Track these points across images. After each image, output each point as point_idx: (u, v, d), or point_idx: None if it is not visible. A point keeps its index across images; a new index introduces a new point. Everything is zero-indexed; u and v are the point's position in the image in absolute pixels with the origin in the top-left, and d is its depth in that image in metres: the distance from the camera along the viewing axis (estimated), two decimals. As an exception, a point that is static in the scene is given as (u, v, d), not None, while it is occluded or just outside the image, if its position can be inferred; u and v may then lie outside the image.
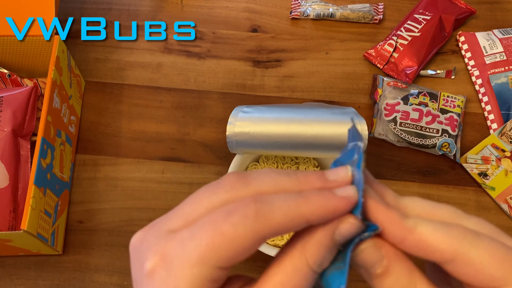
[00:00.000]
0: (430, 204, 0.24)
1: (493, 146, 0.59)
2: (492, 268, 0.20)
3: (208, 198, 0.20)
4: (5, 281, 0.52)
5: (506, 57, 0.63)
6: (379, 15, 0.68)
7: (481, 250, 0.20)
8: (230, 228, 0.19)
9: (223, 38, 0.67)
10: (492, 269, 0.20)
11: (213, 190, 0.21)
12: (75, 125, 0.59)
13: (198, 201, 0.21)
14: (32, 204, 0.44)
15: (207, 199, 0.20)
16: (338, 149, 0.48)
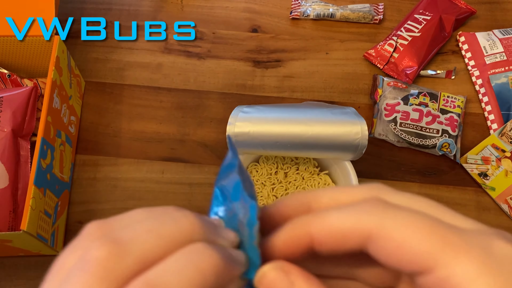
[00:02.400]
0: (343, 189, 0.20)
1: (493, 147, 0.59)
2: (416, 243, 0.17)
3: None
4: (5, 282, 0.52)
5: (506, 57, 0.63)
6: (379, 15, 0.68)
7: (402, 222, 0.17)
8: None
9: (223, 38, 0.67)
10: (417, 243, 0.17)
11: None
12: (75, 125, 0.59)
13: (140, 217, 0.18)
14: (32, 204, 0.44)
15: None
16: (338, 149, 0.48)
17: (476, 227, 0.18)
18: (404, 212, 0.17)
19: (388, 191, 0.19)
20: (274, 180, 0.54)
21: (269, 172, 0.54)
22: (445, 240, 0.16)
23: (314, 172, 0.55)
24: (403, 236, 0.17)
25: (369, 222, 0.17)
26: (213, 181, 0.20)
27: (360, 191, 0.19)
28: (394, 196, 0.19)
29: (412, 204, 0.18)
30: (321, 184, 0.54)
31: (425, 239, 0.17)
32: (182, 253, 0.16)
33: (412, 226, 0.17)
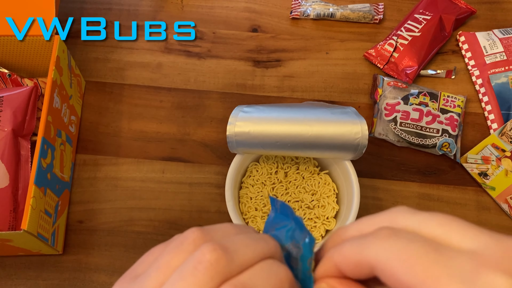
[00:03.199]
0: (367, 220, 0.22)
1: (493, 146, 0.59)
2: (402, 275, 0.18)
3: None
4: (5, 281, 0.52)
5: (506, 57, 0.63)
6: (379, 15, 0.68)
7: (394, 255, 0.18)
8: None
9: (223, 38, 0.67)
10: (402, 275, 0.18)
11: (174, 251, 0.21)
12: (75, 125, 0.59)
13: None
14: (33, 204, 0.44)
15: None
16: (339, 148, 0.48)
17: (481, 247, 0.18)
18: (400, 243, 0.18)
19: (404, 213, 0.20)
20: (274, 179, 0.54)
21: (269, 172, 0.54)
22: (427, 273, 0.17)
23: (314, 171, 0.55)
24: (393, 268, 0.18)
25: (369, 254, 0.19)
26: (213, 180, 0.23)
27: (380, 219, 0.21)
28: (408, 219, 0.20)
29: (422, 226, 0.19)
30: (321, 184, 0.54)
31: (409, 271, 0.18)
32: (267, 263, 0.20)
33: (402, 259, 0.18)
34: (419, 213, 0.20)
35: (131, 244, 0.54)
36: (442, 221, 0.19)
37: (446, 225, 0.19)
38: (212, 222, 0.56)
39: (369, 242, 0.19)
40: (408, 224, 0.20)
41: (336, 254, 0.21)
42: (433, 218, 0.19)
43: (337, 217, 0.53)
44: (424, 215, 0.20)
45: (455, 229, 0.19)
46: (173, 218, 0.56)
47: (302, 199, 0.53)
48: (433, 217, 0.19)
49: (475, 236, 0.18)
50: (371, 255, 0.19)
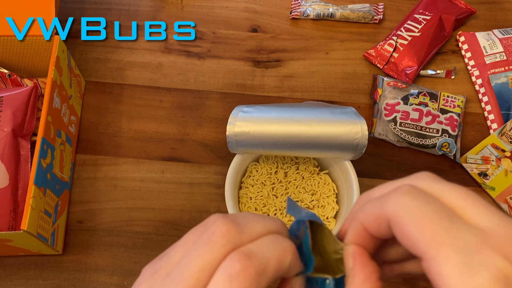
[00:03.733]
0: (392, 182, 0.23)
1: (493, 146, 0.59)
2: (413, 232, 0.19)
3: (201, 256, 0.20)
4: (5, 281, 0.52)
5: (506, 57, 0.63)
6: (379, 15, 0.68)
7: (410, 211, 0.19)
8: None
9: (223, 38, 0.67)
10: (413, 232, 0.19)
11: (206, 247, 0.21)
12: (75, 125, 0.59)
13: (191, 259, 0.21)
14: (32, 204, 0.44)
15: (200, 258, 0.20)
16: (338, 148, 0.48)
17: (490, 227, 0.19)
18: (417, 201, 0.19)
19: (428, 180, 0.21)
20: (274, 179, 0.54)
21: (269, 172, 0.54)
22: (434, 237, 0.18)
23: (314, 171, 0.55)
24: (405, 223, 0.19)
25: (388, 207, 0.20)
26: (213, 180, 0.25)
27: (405, 181, 0.22)
28: (430, 185, 0.21)
29: (443, 194, 0.20)
30: (321, 184, 0.54)
31: (418, 230, 0.19)
32: (273, 235, 0.22)
33: (416, 216, 0.19)
34: (443, 182, 0.21)
35: (131, 244, 0.54)
36: (462, 194, 0.20)
37: (466, 199, 0.20)
38: (212, 222, 0.56)
39: (389, 196, 0.20)
40: (431, 189, 0.20)
41: (360, 213, 0.22)
42: (455, 190, 0.20)
43: (337, 217, 0.53)
44: (446, 185, 0.21)
45: (473, 204, 0.19)
46: (173, 218, 0.56)
47: (302, 199, 0.53)
48: (455, 188, 0.20)
49: (488, 216, 0.19)
50: (389, 208, 0.20)
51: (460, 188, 0.20)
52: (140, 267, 0.26)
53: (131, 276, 0.52)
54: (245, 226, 0.22)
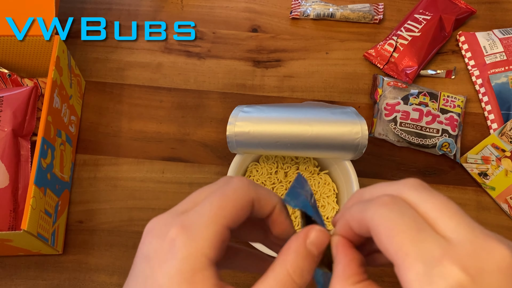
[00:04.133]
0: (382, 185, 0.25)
1: (493, 146, 0.59)
2: (385, 240, 0.21)
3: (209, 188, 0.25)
4: (5, 281, 0.52)
5: (506, 57, 0.63)
6: (379, 15, 0.68)
7: (385, 221, 0.21)
8: (231, 192, 0.24)
9: (223, 38, 0.67)
10: (385, 241, 0.21)
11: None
12: (75, 125, 0.59)
13: (201, 190, 0.25)
14: (32, 204, 0.44)
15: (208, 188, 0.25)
16: (339, 148, 0.48)
17: (457, 239, 0.20)
18: (392, 213, 0.21)
19: (412, 188, 0.22)
20: (274, 179, 0.54)
21: (269, 172, 0.54)
22: (402, 246, 0.20)
23: (314, 171, 0.55)
24: (379, 232, 0.21)
25: (367, 215, 0.22)
26: (213, 180, 0.25)
27: (391, 188, 0.23)
28: (411, 194, 0.22)
29: (421, 204, 0.22)
30: (321, 184, 0.54)
31: (389, 239, 0.21)
32: None
33: (388, 227, 0.21)
34: (425, 191, 0.22)
35: (131, 244, 0.54)
36: (438, 205, 0.21)
37: (441, 210, 0.21)
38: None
39: (369, 205, 0.22)
40: (410, 198, 0.22)
41: (347, 213, 0.24)
42: (432, 200, 0.21)
43: (337, 217, 0.53)
44: (426, 195, 0.22)
45: (446, 215, 0.21)
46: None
47: (302, 199, 0.53)
48: (433, 199, 0.22)
49: (458, 228, 0.20)
50: (368, 217, 0.22)
51: (438, 198, 0.22)
52: (140, 267, 0.26)
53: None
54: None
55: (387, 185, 0.24)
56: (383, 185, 0.24)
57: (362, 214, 0.22)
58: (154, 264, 0.23)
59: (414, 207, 0.22)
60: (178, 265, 0.22)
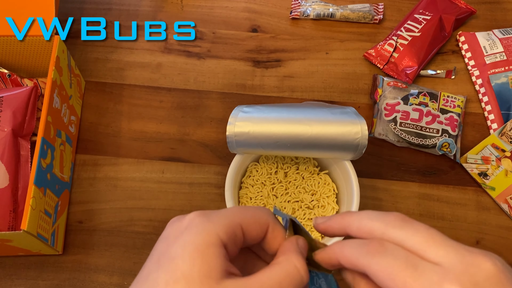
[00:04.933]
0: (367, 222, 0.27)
1: (493, 146, 0.59)
2: (387, 282, 0.24)
3: None
4: (5, 281, 0.52)
5: (506, 57, 0.63)
6: (379, 15, 0.68)
7: (380, 268, 0.24)
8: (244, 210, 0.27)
9: (223, 38, 0.67)
10: (387, 283, 0.24)
11: None
12: (75, 125, 0.59)
13: None
14: (32, 204, 0.44)
15: None
16: (338, 148, 0.48)
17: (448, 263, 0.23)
18: (386, 260, 0.24)
19: (396, 225, 0.25)
20: (274, 179, 0.54)
21: (269, 172, 0.54)
22: (405, 283, 0.23)
23: (314, 171, 0.55)
24: (381, 278, 0.24)
25: (364, 263, 0.25)
26: (213, 181, 0.28)
27: (377, 226, 0.26)
28: (396, 232, 0.25)
29: (408, 240, 0.25)
30: (321, 184, 0.54)
31: (392, 282, 0.24)
32: None
33: (387, 272, 0.24)
34: (407, 226, 0.25)
35: (131, 244, 0.54)
36: (424, 238, 0.24)
37: (426, 241, 0.24)
38: (212, 222, 0.56)
39: (366, 253, 0.25)
40: (396, 237, 0.25)
41: (338, 252, 0.27)
42: (418, 235, 0.25)
43: (337, 217, 0.53)
44: (411, 229, 0.25)
45: (433, 245, 0.24)
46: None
47: (302, 199, 0.53)
48: (418, 233, 0.25)
49: (446, 253, 0.24)
50: (365, 264, 0.25)
51: (421, 231, 0.25)
52: (139, 267, 0.26)
53: (131, 276, 0.52)
54: None
55: (374, 219, 0.26)
56: (370, 218, 0.27)
57: (358, 262, 0.25)
58: (170, 240, 0.25)
59: (402, 244, 0.25)
60: (193, 238, 0.24)
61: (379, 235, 0.26)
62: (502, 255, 0.55)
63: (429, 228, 0.25)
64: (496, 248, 0.55)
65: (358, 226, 0.27)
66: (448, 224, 0.57)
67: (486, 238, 0.56)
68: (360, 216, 0.27)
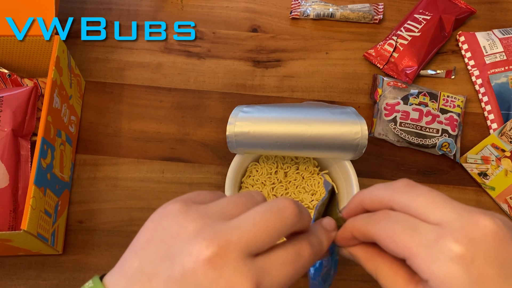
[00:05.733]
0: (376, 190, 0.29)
1: (493, 146, 0.59)
2: (393, 246, 0.26)
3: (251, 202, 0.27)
4: (5, 281, 0.52)
5: (506, 57, 0.63)
6: (379, 15, 0.69)
7: (387, 232, 0.26)
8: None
9: (223, 38, 0.67)
10: (394, 246, 0.26)
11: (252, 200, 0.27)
12: (75, 125, 0.59)
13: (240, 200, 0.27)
14: (32, 204, 0.44)
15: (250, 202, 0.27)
16: (338, 148, 0.48)
17: (446, 221, 0.25)
18: (389, 224, 0.26)
19: (401, 190, 0.27)
20: (274, 179, 0.54)
21: (269, 172, 0.54)
22: (405, 244, 0.25)
23: (314, 171, 0.55)
24: (384, 241, 0.26)
25: (370, 230, 0.28)
26: (213, 180, 0.26)
27: (385, 193, 0.28)
28: (401, 197, 0.27)
29: (411, 204, 0.26)
30: (320, 184, 0.54)
31: (394, 244, 0.26)
32: None
33: (389, 235, 0.26)
34: (410, 190, 0.27)
35: (131, 244, 0.54)
36: (425, 201, 0.26)
37: (426, 204, 0.26)
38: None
39: (371, 221, 0.28)
40: (401, 202, 0.27)
41: (351, 225, 0.30)
42: (419, 199, 0.26)
43: (337, 217, 0.53)
44: (413, 194, 0.26)
45: (432, 207, 0.25)
46: (173, 218, 0.56)
47: (302, 199, 0.53)
48: (419, 197, 0.26)
49: (444, 212, 0.25)
50: (372, 231, 0.27)
51: (422, 194, 0.26)
52: (140, 267, 0.26)
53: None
54: None
55: (382, 188, 0.28)
56: (379, 188, 0.29)
57: (366, 229, 0.28)
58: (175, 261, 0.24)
59: (406, 210, 0.26)
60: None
61: (387, 202, 0.27)
62: (502, 255, 0.55)
63: (431, 191, 0.26)
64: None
65: (370, 199, 0.29)
66: (448, 224, 0.57)
67: (486, 238, 0.56)
68: (370, 190, 0.29)
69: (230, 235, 0.23)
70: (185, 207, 0.26)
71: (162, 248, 0.24)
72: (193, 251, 0.23)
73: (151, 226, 0.27)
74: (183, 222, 0.25)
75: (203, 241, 0.23)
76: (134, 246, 0.26)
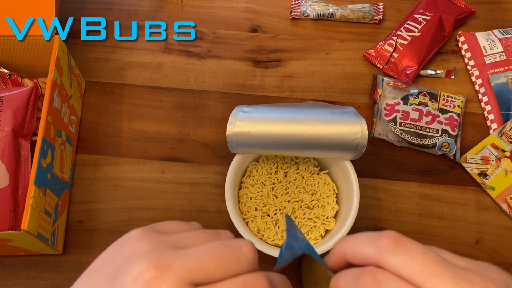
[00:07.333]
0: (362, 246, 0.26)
1: (493, 146, 0.59)
2: None
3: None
4: (5, 281, 0.52)
5: (506, 57, 0.63)
6: (379, 15, 0.69)
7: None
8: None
9: (223, 38, 0.67)
10: None
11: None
12: (75, 125, 0.59)
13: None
14: (32, 204, 0.44)
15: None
16: (338, 148, 0.48)
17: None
18: None
19: (390, 252, 0.24)
20: (274, 179, 0.54)
21: (269, 172, 0.54)
22: None
23: (314, 171, 0.55)
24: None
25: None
26: (213, 180, 0.26)
27: (372, 253, 0.25)
28: (391, 259, 0.24)
29: (404, 268, 0.23)
30: (321, 184, 0.54)
31: None
32: None
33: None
34: (402, 252, 0.24)
35: (131, 244, 0.54)
36: (420, 267, 0.23)
37: (423, 272, 0.23)
38: (212, 222, 0.56)
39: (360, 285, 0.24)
40: (391, 264, 0.24)
41: (334, 287, 0.26)
42: (413, 262, 0.23)
43: (337, 217, 0.53)
44: (406, 257, 0.24)
45: (430, 276, 0.23)
46: (173, 218, 0.56)
47: (302, 199, 0.53)
48: (414, 262, 0.23)
49: (443, 282, 0.22)
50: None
51: (417, 259, 0.23)
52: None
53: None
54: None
55: (367, 245, 0.25)
56: (363, 242, 0.26)
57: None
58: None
59: (399, 273, 0.24)
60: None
61: (374, 262, 0.25)
62: (502, 255, 0.55)
63: (425, 253, 0.24)
64: (495, 248, 0.55)
65: (353, 254, 0.26)
66: (448, 224, 0.57)
67: (486, 238, 0.56)
68: (352, 243, 0.26)
69: (173, 260, 0.23)
70: (143, 234, 0.27)
71: (112, 269, 0.24)
72: (134, 271, 0.23)
73: (110, 250, 0.27)
74: (136, 246, 0.25)
75: (145, 263, 0.23)
76: (90, 269, 0.26)
